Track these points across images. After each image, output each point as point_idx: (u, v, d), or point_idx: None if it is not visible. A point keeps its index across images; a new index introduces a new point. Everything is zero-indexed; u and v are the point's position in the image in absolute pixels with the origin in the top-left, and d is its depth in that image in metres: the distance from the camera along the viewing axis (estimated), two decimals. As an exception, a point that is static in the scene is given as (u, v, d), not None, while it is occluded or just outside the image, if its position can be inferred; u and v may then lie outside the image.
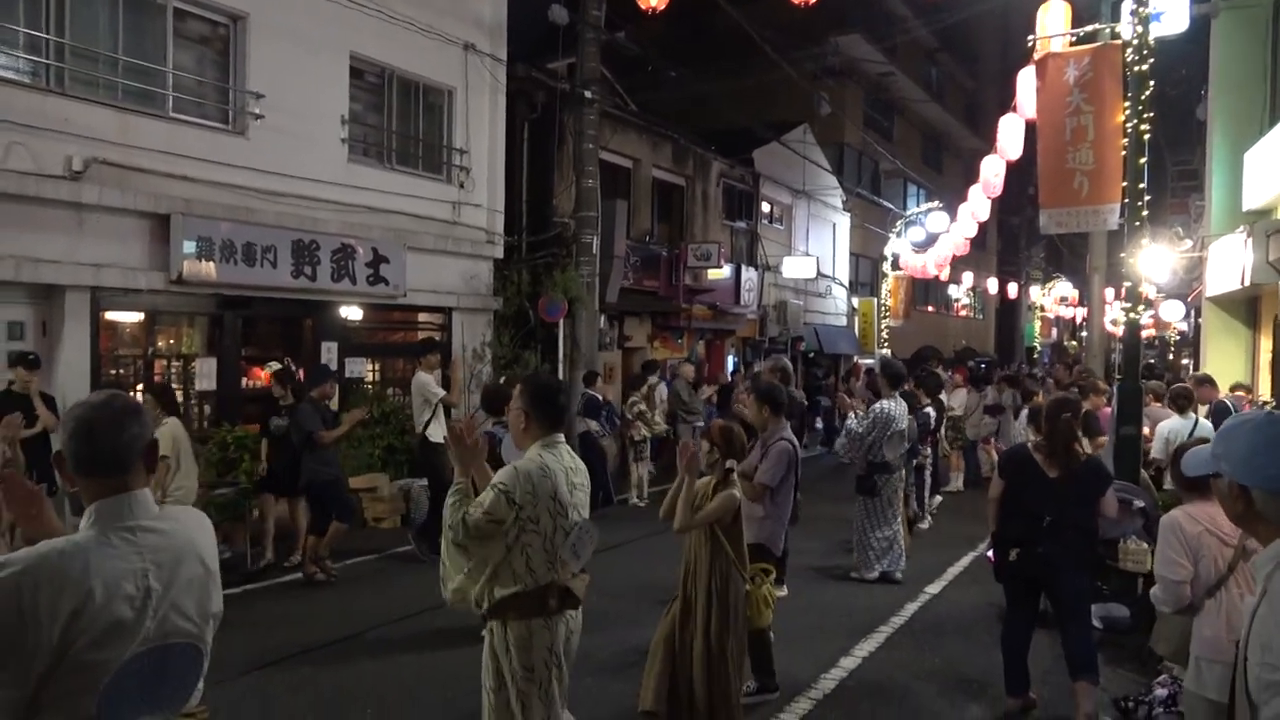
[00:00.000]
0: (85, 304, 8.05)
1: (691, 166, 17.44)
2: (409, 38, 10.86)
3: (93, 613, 1.70)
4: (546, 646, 3.15)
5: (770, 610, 4.49)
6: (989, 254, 35.00)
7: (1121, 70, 6.53)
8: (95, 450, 1.87)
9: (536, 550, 3.09)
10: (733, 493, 4.28)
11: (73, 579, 1.70)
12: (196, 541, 1.98)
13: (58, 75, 7.96)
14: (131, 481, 1.89)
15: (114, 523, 1.84)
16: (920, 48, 29.11)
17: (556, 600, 3.16)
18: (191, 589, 1.91)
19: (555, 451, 3.25)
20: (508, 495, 3.04)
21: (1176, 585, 3.41)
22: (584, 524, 3.24)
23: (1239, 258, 8.73)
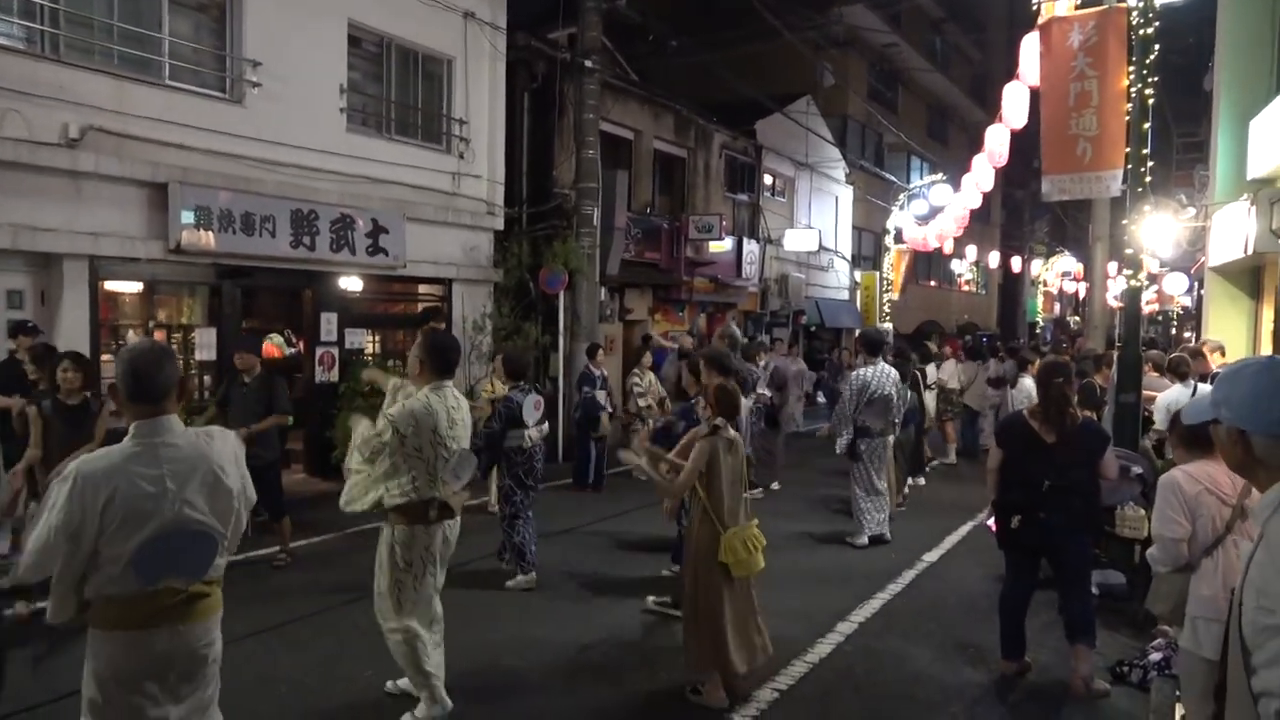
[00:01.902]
0: (84, 273, 8.03)
1: (693, 138, 17.33)
2: (408, 5, 10.76)
3: (119, 502, 2.43)
4: (425, 546, 4.07)
5: (756, 555, 4.55)
6: (992, 228, 34.83)
7: (1127, 34, 6.45)
8: (141, 384, 2.54)
9: (420, 472, 3.96)
10: (701, 445, 4.58)
11: (106, 478, 2.44)
12: (211, 456, 2.63)
13: (53, 42, 7.89)
14: (165, 408, 2.58)
15: (148, 438, 2.53)
16: (925, 17, 28.83)
17: (436, 512, 4.06)
18: (204, 491, 2.58)
19: (440, 393, 4.07)
20: (394, 426, 3.91)
21: (1174, 544, 3.41)
22: (463, 452, 4.10)
23: (1242, 226, 8.67)
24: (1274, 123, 8.09)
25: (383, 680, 4.61)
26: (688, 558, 4.71)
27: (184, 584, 2.57)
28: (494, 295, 12.26)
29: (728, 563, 4.48)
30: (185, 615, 2.59)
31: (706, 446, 4.56)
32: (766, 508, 9.02)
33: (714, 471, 4.55)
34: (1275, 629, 1.60)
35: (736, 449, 4.69)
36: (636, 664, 5.09)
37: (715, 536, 4.50)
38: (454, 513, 4.17)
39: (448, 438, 4.02)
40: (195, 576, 2.61)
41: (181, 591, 2.57)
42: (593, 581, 6.74)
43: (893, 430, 8.25)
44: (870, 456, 8.01)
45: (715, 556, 4.48)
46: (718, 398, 4.70)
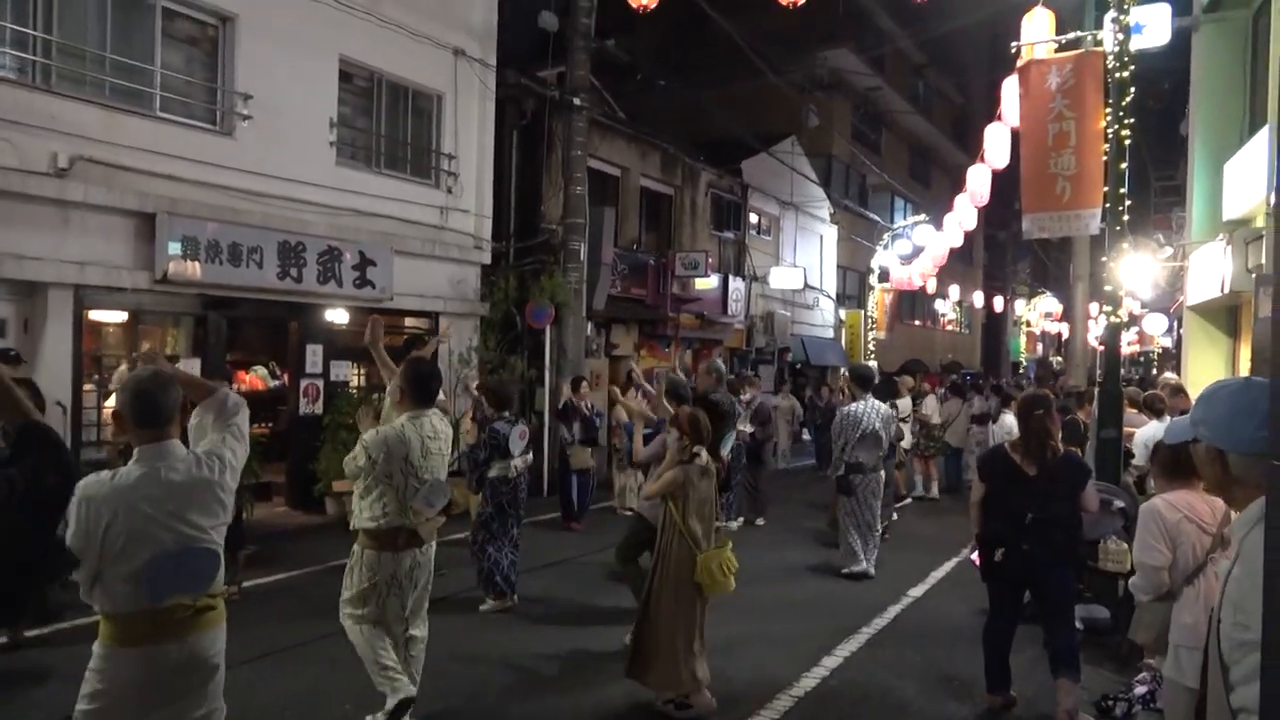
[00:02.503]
0: (68, 302, 8.00)
1: (680, 175, 17.52)
2: (399, 42, 10.90)
3: (119, 526, 2.52)
4: (390, 573, 4.13)
5: (728, 578, 4.72)
6: (975, 268, 35.22)
7: (1103, 77, 6.61)
8: (146, 410, 2.66)
9: (390, 499, 4.02)
10: (677, 471, 4.75)
11: (108, 502, 2.53)
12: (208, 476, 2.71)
13: (45, 72, 7.94)
14: (169, 433, 2.70)
15: (152, 462, 2.64)
16: (908, 61, 29.37)
17: (404, 540, 4.11)
18: (201, 509, 2.67)
19: (417, 422, 4.14)
20: (366, 449, 4.02)
21: (1156, 571, 3.43)
22: (435, 482, 4.12)
23: (1219, 266, 8.81)
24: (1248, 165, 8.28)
25: (361, 714, 4.54)
26: (659, 578, 4.78)
27: (191, 599, 2.66)
28: (480, 329, 12.27)
29: (703, 583, 4.64)
30: (194, 627, 2.68)
31: (680, 475, 4.73)
32: (751, 541, 9.01)
33: (687, 496, 4.71)
34: (1252, 644, 1.61)
35: (709, 474, 4.86)
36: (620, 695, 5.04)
37: (691, 558, 4.65)
38: (423, 541, 4.19)
39: (420, 467, 4.06)
40: (201, 591, 2.70)
41: (190, 606, 2.66)
42: (574, 613, 6.69)
43: (883, 465, 8.27)
44: (864, 492, 8.02)
45: (690, 576, 4.65)
46: (690, 425, 4.83)
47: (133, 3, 8.58)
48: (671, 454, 4.88)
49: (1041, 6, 7.50)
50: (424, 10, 11.19)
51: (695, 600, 4.73)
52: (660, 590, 4.74)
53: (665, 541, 4.79)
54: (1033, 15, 7.51)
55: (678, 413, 5.08)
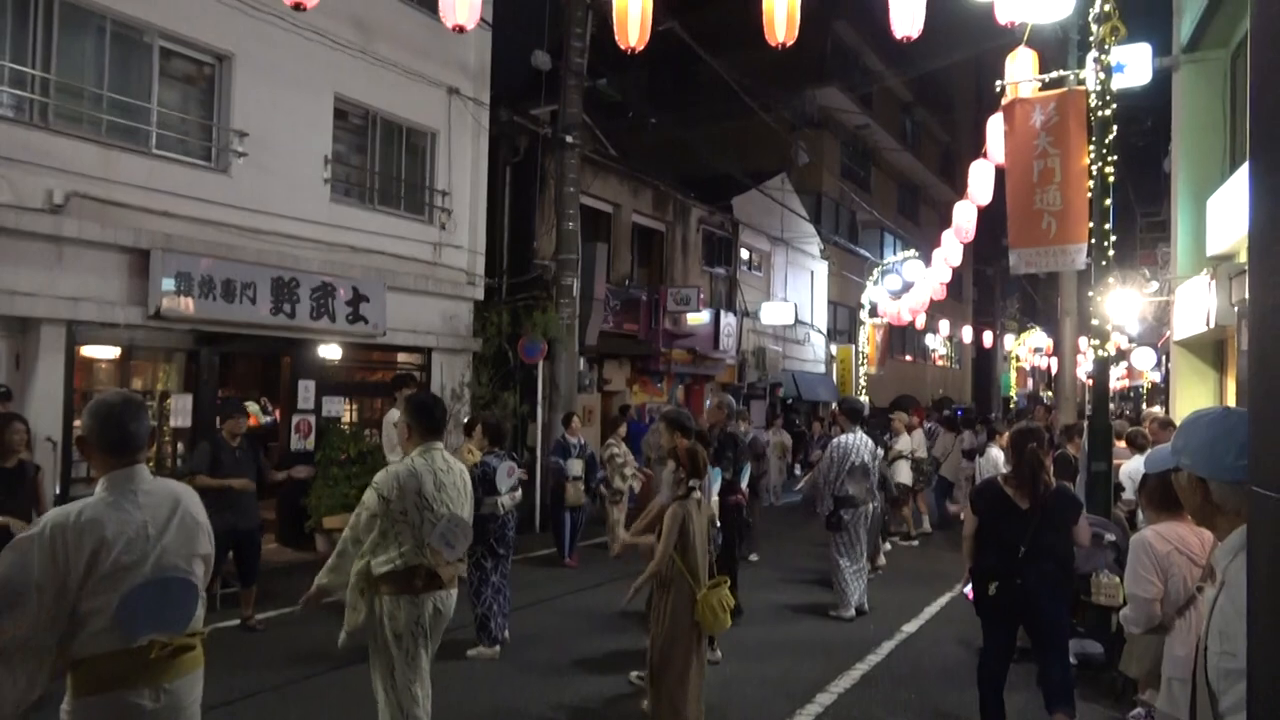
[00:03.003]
0: (61, 337, 8.00)
1: (671, 212, 17.67)
2: (393, 80, 11.03)
3: (105, 553, 2.35)
4: (414, 620, 3.77)
5: (726, 615, 4.69)
6: (965, 304, 35.47)
7: (1086, 115, 6.73)
8: (116, 435, 2.50)
9: (406, 538, 3.75)
10: (675, 509, 4.70)
11: (90, 530, 2.35)
12: (183, 501, 2.62)
13: (42, 110, 8.01)
14: (136, 458, 2.54)
15: (123, 487, 2.48)
16: (896, 100, 29.81)
17: (423, 581, 3.78)
18: (181, 536, 2.54)
19: (428, 456, 3.89)
20: (378, 491, 3.76)
21: (1148, 603, 3.43)
22: (453, 517, 3.82)
23: (1204, 301, 8.92)
24: (1230, 201, 8.42)
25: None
26: (660, 617, 4.73)
27: (168, 637, 2.46)
28: (473, 364, 12.29)
29: (703, 621, 4.61)
30: (171, 672, 2.46)
31: (679, 511, 4.70)
32: (744, 578, 8.95)
33: (686, 533, 4.68)
34: (1239, 673, 1.62)
35: (703, 508, 4.87)
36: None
37: (691, 596, 4.62)
38: (443, 583, 3.85)
39: (434, 500, 3.79)
40: (179, 629, 2.51)
41: (166, 645, 2.45)
42: (565, 653, 6.63)
43: (872, 499, 8.23)
44: (854, 526, 7.91)
45: (690, 615, 4.61)
46: (688, 458, 4.84)
47: (131, 42, 8.68)
48: (668, 487, 4.88)
49: (1024, 47, 7.65)
50: (418, 49, 11.35)
51: (695, 639, 4.70)
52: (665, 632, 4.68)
53: (666, 584, 4.73)
54: (1016, 55, 7.66)
55: (676, 445, 5.06)
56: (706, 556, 4.84)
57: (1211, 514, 1.85)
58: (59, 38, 8.08)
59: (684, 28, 12.51)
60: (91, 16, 8.34)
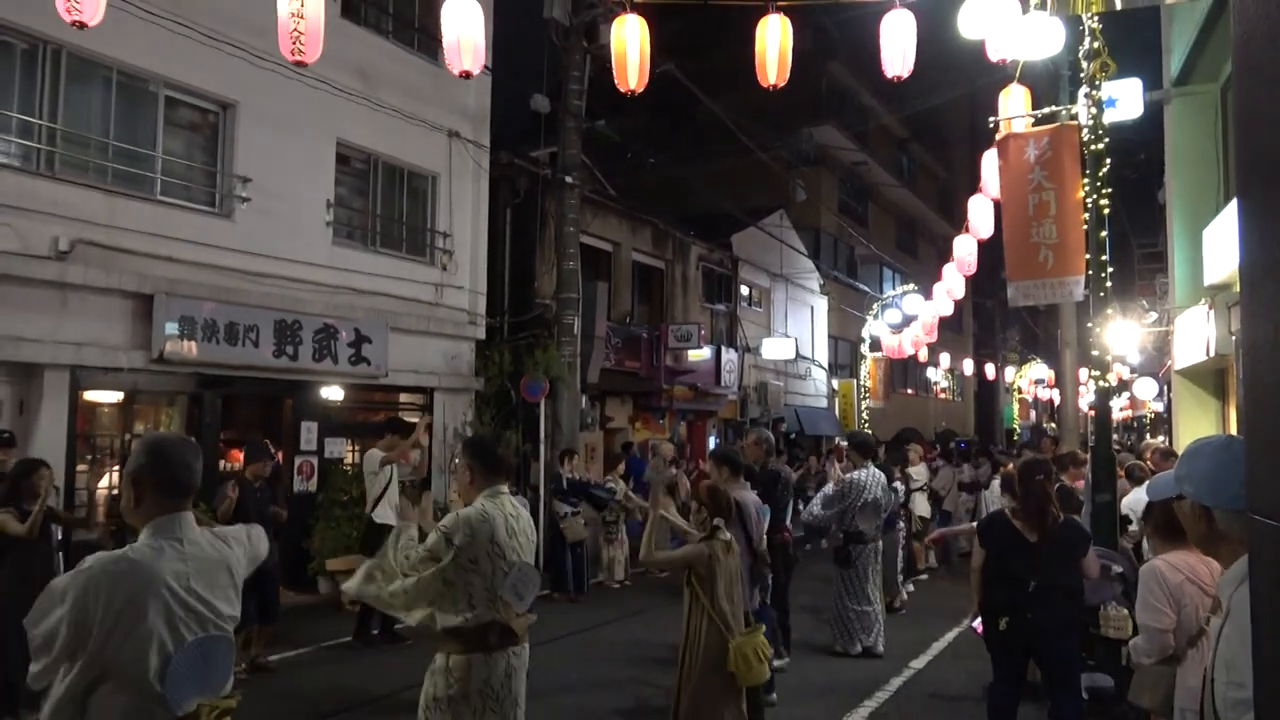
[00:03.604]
0: (64, 383, 8.04)
1: (671, 250, 17.78)
2: (395, 125, 11.18)
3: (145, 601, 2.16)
4: (483, 679, 3.32)
5: (763, 665, 4.39)
6: (965, 337, 35.51)
7: (1079, 149, 6.82)
8: (177, 476, 2.36)
9: (478, 589, 3.30)
10: (700, 546, 4.44)
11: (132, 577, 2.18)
12: (228, 556, 2.44)
13: (48, 159, 8.13)
14: (185, 505, 2.38)
15: (169, 535, 2.30)
16: (892, 136, 30.13)
17: (496, 637, 3.35)
18: (223, 593, 2.36)
19: (497, 500, 3.48)
20: (447, 536, 3.30)
21: (1161, 634, 3.40)
22: (523, 565, 3.41)
23: (1203, 330, 8.95)
24: (1226, 232, 8.48)
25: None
26: (689, 666, 4.43)
27: (213, 701, 2.28)
28: (475, 403, 12.31)
29: (737, 672, 4.28)
30: None
31: (704, 549, 4.43)
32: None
33: (714, 575, 4.38)
34: (1247, 703, 1.62)
35: (733, 550, 4.56)
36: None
37: (723, 644, 4.31)
38: (518, 638, 3.45)
39: (506, 547, 3.38)
40: (220, 692, 2.33)
41: (214, 709, 2.27)
42: (575, 693, 6.57)
43: (876, 535, 8.11)
44: (862, 563, 7.78)
45: (723, 665, 4.29)
46: (710, 498, 4.61)
47: (136, 91, 8.83)
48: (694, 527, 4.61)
49: (1017, 83, 7.76)
50: (419, 95, 11.52)
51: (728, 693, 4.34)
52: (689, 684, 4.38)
53: (693, 628, 4.42)
54: (1009, 92, 7.77)
55: (698, 485, 4.86)
56: (739, 603, 4.52)
57: (1216, 542, 1.86)
58: (66, 88, 8.21)
59: (681, 70, 12.69)
60: (98, 68, 8.48)
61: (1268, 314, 1.32)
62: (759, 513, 5.90)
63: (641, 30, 5.89)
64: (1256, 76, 1.40)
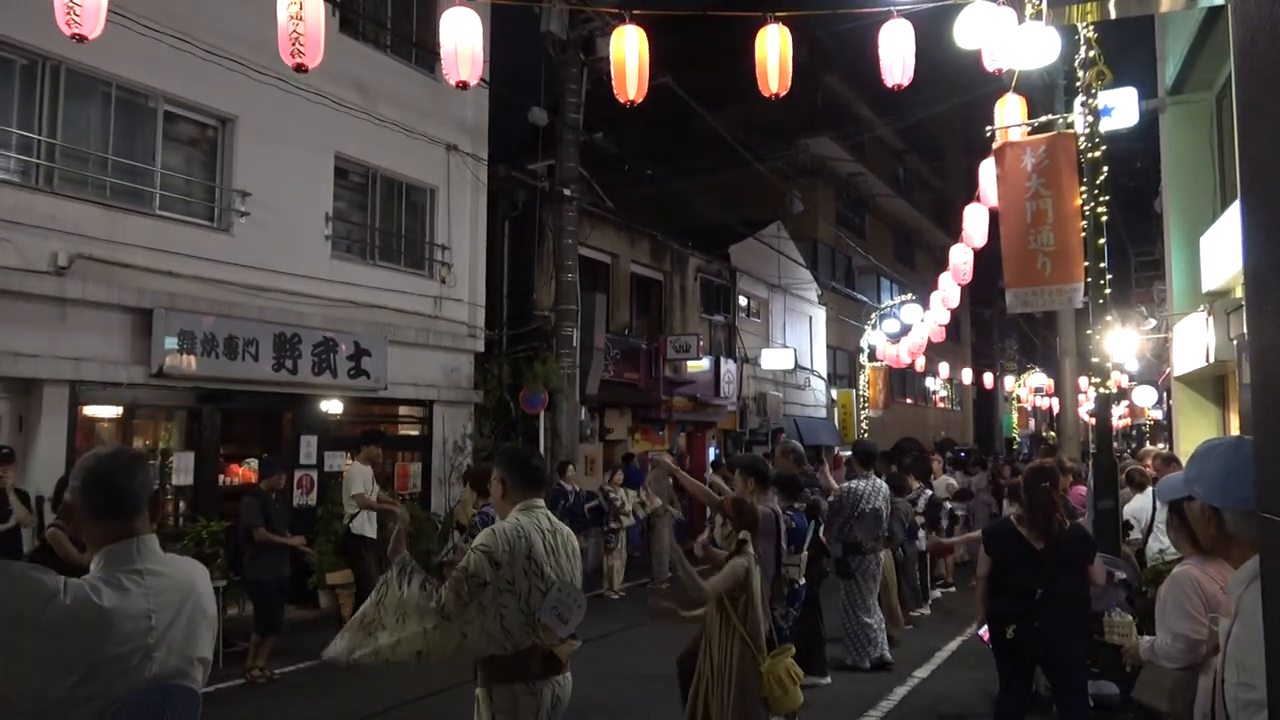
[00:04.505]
0: (63, 398, 8.02)
1: (669, 261, 17.81)
2: (393, 139, 11.21)
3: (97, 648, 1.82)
4: (532, 712, 3.05)
5: (797, 688, 4.20)
6: (963, 346, 35.56)
7: (1076, 157, 6.84)
8: (109, 495, 1.99)
9: (512, 612, 3.01)
10: (737, 560, 4.19)
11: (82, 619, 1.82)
12: (197, 587, 2.09)
13: (47, 174, 8.14)
14: (138, 526, 2.02)
15: (123, 566, 1.95)
16: (888, 148, 30.24)
17: (539, 665, 3.08)
18: (187, 632, 2.01)
19: (532, 514, 3.22)
20: (489, 555, 3.01)
21: (1197, 645, 3.35)
22: (565, 585, 3.12)
23: (1202, 337, 8.96)
24: (1223, 238, 8.51)
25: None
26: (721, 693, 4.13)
27: None
28: (475, 416, 12.30)
29: (770, 697, 4.07)
30: None
31: (744, 563, 4.15)
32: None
33: (750, 591, 4.14)
34: (1258, 704, 1.62)
35: (759, 565, 4.40)
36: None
37: (755, 667, 4.08)
38: (562, 665, 3.21)
39: (544, 564, 3.12)
40: None
41: None
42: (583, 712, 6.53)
43: (883, 546, 8.01)
44: (861, 575, 7.68)
45: (757, 690, 4.05)
46: (736, 511, 4.41)
47: (135, 107, 8.85)
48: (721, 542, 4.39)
49: (1013, 93, 7.80)
50: (418, 109, 11.56)
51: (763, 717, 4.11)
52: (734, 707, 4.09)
53: (722, 650, 4.14)
54: (1005, 101, 7.81)
55: (723, 499, 4.65)
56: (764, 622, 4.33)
57: (1225, 544, 1.86)
58: (65, 104, 8.23)
59: (678, 83, 12.74)
60: (97, 83, 8.51)
61: (1276, 313, 1.32)
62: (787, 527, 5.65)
63: (640, 41, 5.92)
64: (1259, 77, 1.40)
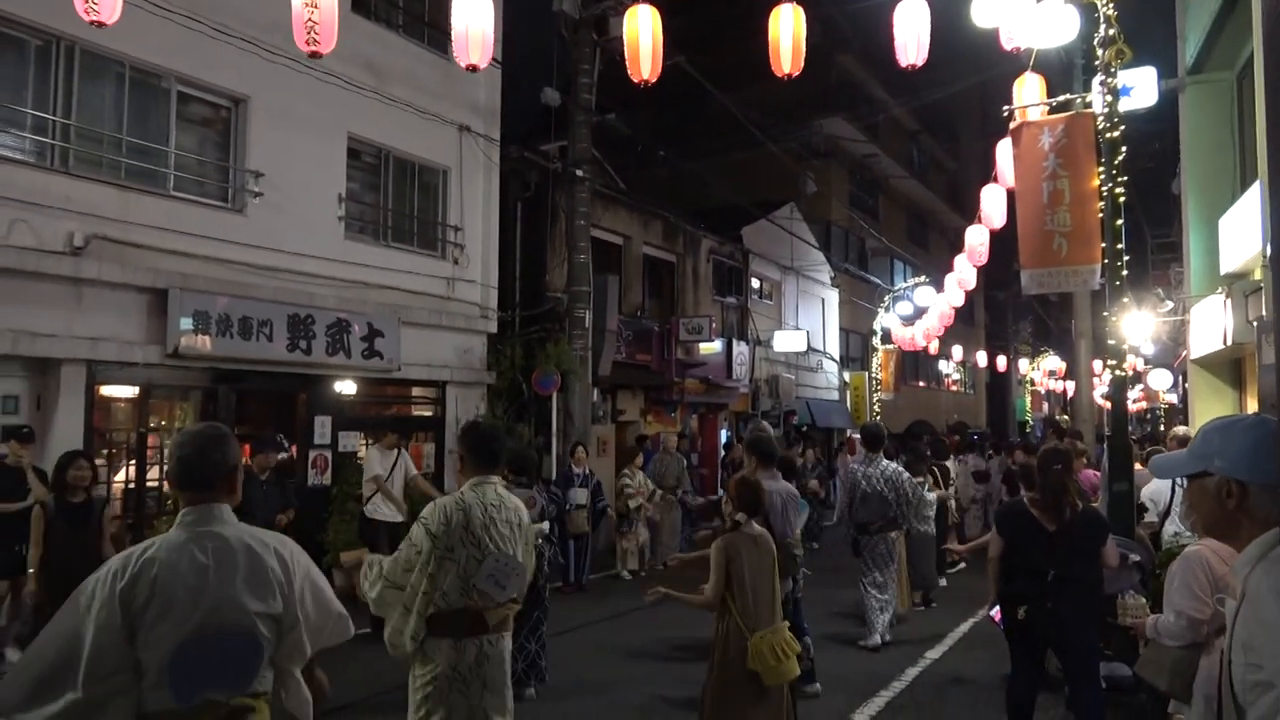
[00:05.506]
0: (81, 377, 8.08)
1: (681, 243, 17.76)
2: (406, 119, 11.19)
3: (159, 592, 2.22)
4: (451, 665, 3.44)
5: (787, 662, 4.24)
6: (977, 329, 35.37)
7: (1094, 137, 6.77)
8: (185, 470, 2.42)
9: (452, 578, 3.43)
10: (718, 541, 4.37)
11: (144, 573, 2.23)
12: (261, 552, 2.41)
13: (62, 155, 8.17)
14: (214, 496, 2.43)
15: (194, 526, 2.36)
16: (902, 128, 29.98)
17: (467, 625, 3.45)
18: (251, 587, 2.34)
19: (479, 490, 3.59)
20: (426, 526, 3.45)
21: (1200, 624, 3.36)
22: (502, 555, 3.48)
23: (1220, 319, 8.88)
24: (1242, 220, 8.41)
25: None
26: (713, 663, 4.35)
27: (225, 697, 2.28)
28: (487, 397, 12.33)
29: (757, 670, 4.18)
30: None
31: (722, 545, 4.33)
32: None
33: (735, 569, 4.29)
34: (1265, 685, 1.60)
35: (761, 544, 4.43)
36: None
37: (742, 640, 4.21)
38: (489, 627, 3.49)
39: (482, 537, 3.47)
40: (238, 690, 2.31)
41: (223, 706, 2.27)
42: (585, 686, 6.58)
43: (895, 528, 8.00)
44: (869, 554, 7.81)
45: (743, 662, 4.19)
46: (738, 492, 4.50)
47: (149, 87, 8.86)
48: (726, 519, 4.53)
49: (1031, 72, 7.72)
50: (430, 89, 11.52)
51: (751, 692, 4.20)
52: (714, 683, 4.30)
53: (720, 625, 4.33)
54: (1023, 80, 7.72)
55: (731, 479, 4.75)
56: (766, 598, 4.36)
57: (1236, 523, 1.82)
58: (79, 84, 8.25)
59: (691, 63, 12.66)
60: (111, 64, 8.51)
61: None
62: (788, 505, 5.76)
63: (654, 20, 5.88)
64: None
